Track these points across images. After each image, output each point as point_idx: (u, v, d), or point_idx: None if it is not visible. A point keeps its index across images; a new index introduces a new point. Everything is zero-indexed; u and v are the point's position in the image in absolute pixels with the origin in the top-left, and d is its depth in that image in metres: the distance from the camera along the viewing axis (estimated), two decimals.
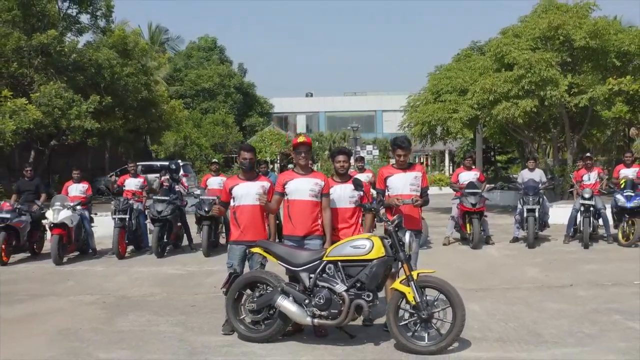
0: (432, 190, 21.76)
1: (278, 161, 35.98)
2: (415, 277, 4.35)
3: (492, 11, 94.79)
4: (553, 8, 14.94)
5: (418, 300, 4.29)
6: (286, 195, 4.92)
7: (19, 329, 5.39)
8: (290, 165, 30.69)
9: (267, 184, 5.11)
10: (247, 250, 4.94)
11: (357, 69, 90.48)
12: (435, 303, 4.36)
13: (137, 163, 12.31)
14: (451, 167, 35.83)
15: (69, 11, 17.72)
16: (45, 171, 18.61)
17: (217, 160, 11.28)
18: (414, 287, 4.31)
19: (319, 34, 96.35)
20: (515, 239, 10.09)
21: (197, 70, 36.94)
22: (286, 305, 4.48)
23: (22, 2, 15.51)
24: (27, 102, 14.40)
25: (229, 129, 32.70)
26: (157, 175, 13.62)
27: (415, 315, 4.34)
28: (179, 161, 20.45)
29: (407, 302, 4.35)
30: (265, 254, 4.77)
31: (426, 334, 4.35)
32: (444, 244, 9.94)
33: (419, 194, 5.11)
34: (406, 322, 4.39)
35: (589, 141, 28.82)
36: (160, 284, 7.33)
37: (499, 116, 13.42)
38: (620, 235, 9.53)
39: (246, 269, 5.03)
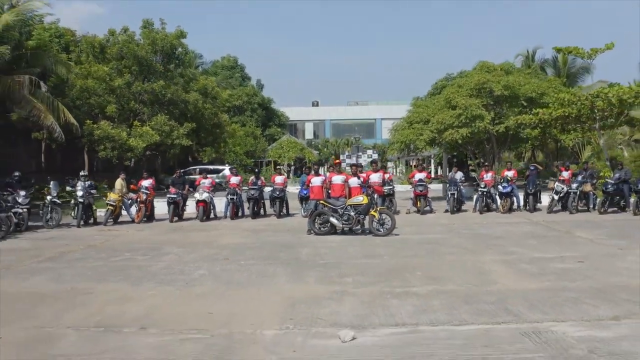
0: None
1: (293, 164, 43.93)
2: (378, 209, 12.54)
3: (489, 21, 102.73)
4: (485, 67, 23.15)
5: (379, 217, 12.43)
6: (331, 181, 13.12)
7: (224, 236, 13.50)
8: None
9: (323, 177, 13.34)
10: (316, 203, 13.12)
11: (358, 79, 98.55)
12: (385, 218, 12.51)
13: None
14: (437, 169, 43.95)
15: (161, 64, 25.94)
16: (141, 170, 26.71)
17: (280, 166, 19.50)
18: (378, 212, 12.47)
19: (322, 44, 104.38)
20: (446, 211, 18.22)
21: (228, 90, 45.11)
22: (334, 220, 12.64)
23: (138, 60, 23.75)
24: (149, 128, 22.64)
25: (257, 139, 40.91)
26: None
27: (378, 222, 12.48)
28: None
29: (375, 218, 12.48)
30: (324, 204, 12.95)
31: (382, 229, 12.47)
32: (406, 213, 18.06)
33: (381, 181, 13.46)
34: (375, 225, 12.52)
35: (547, 149, 37.11)
36: (266, 226, 15.43)
37: (446, 138, 21.55)
38: (500, 207, 17.70)
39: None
